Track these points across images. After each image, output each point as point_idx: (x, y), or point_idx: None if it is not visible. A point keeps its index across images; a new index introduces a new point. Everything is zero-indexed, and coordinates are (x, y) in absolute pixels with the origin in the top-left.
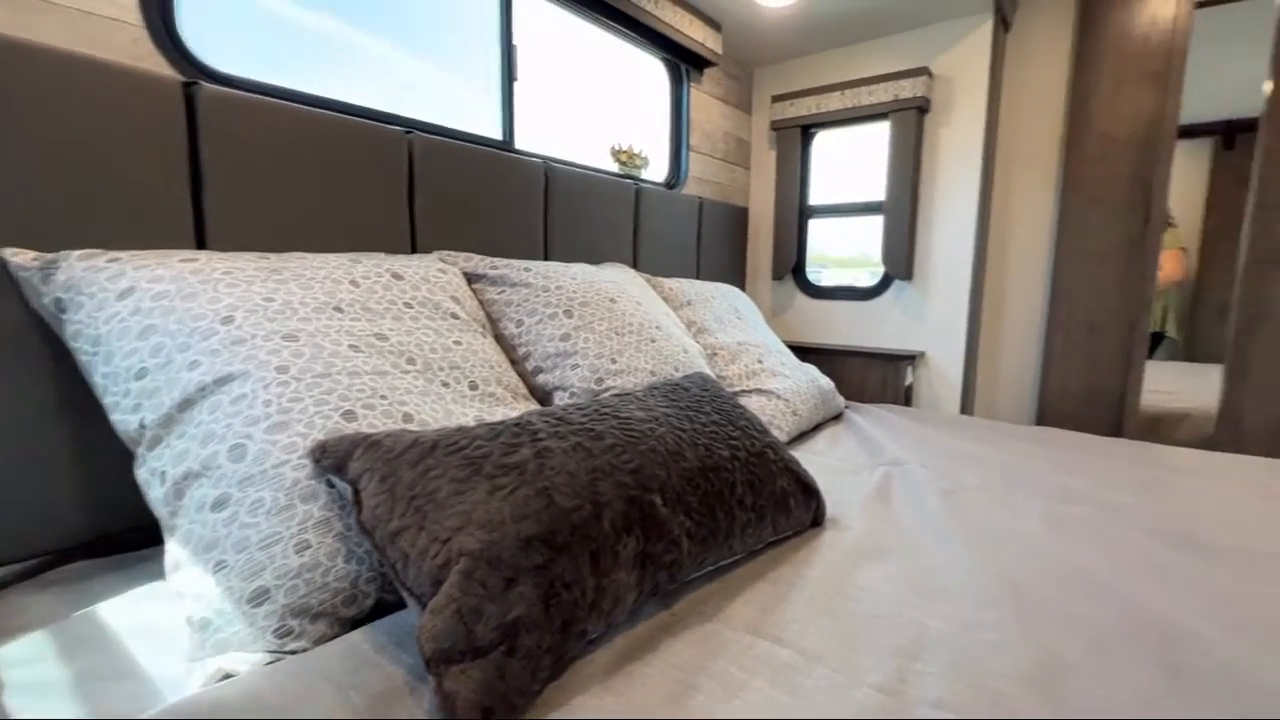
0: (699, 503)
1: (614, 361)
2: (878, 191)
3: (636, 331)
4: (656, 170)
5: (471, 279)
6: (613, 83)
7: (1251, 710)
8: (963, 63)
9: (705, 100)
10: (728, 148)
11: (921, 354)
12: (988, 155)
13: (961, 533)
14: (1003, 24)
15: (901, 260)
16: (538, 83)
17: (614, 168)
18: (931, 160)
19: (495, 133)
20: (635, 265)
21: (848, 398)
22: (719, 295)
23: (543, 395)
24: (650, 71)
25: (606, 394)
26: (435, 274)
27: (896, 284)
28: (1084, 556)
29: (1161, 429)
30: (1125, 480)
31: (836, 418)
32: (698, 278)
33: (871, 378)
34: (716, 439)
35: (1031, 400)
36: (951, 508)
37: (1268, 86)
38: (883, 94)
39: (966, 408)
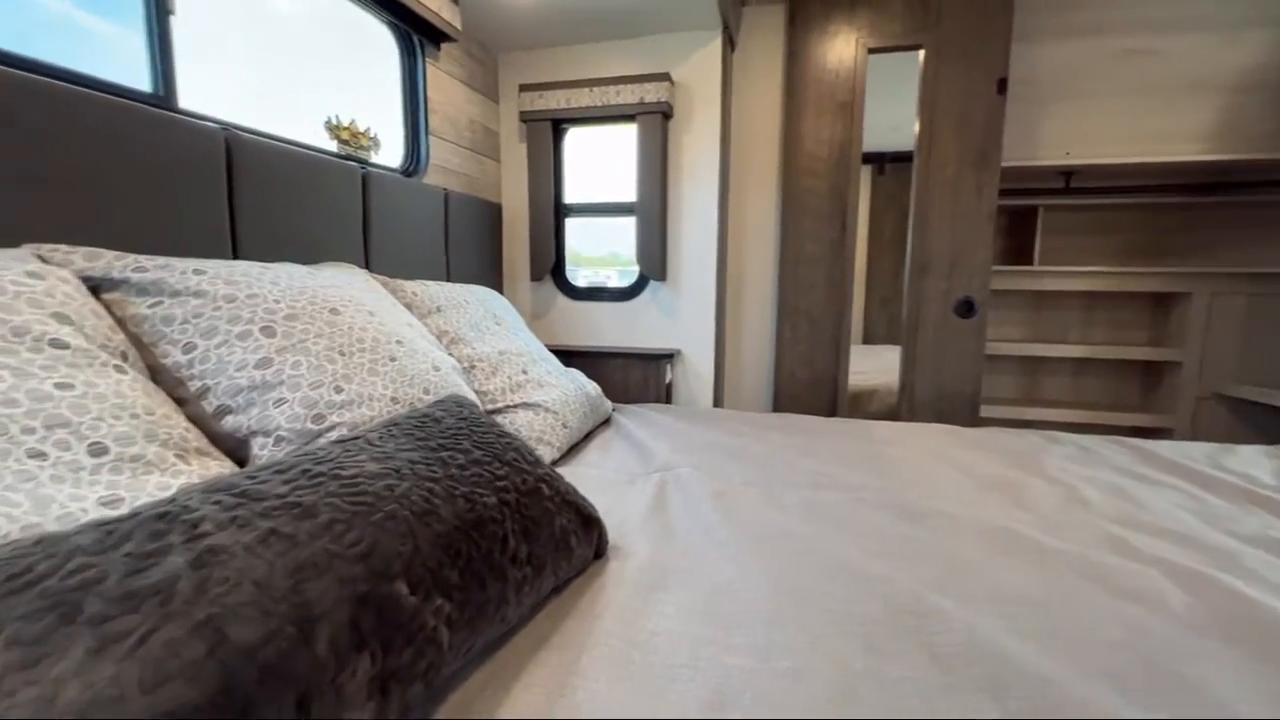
0: (461, 575)
1: (339, 391)
2: (631, 192)
3: (371, 349)
4: (390, 155)
5: (101, 287)
6: (330, 48)
7: (999, 680)
8: (699, 73)
9: (446, 81)
10: (474, 136)
11: (678, 351)
12: (724, 162)
13: (739, 539)
14: (730, 42)
15: (656, 261)
16: (220, 34)
17: (333, 147)
18: (677, 164)
19: (144, 84)
20: (368, 266)
21: (613, 399)
22: (474, 299)
23: (234, 445)
24: (378, 40)
25: (330, 436)
26: (20, 280)
27: (652, 284)
28: (842, 545)
29: (860, 404)
30: (854, 458)
31: (606, 422)
32: (448, 279)
33: (634, 378)
34: (480, 483)
35: (768, 388)
36: (726, 511)
37: (917, 126)
38: (629, 95)
39: (718, 400)
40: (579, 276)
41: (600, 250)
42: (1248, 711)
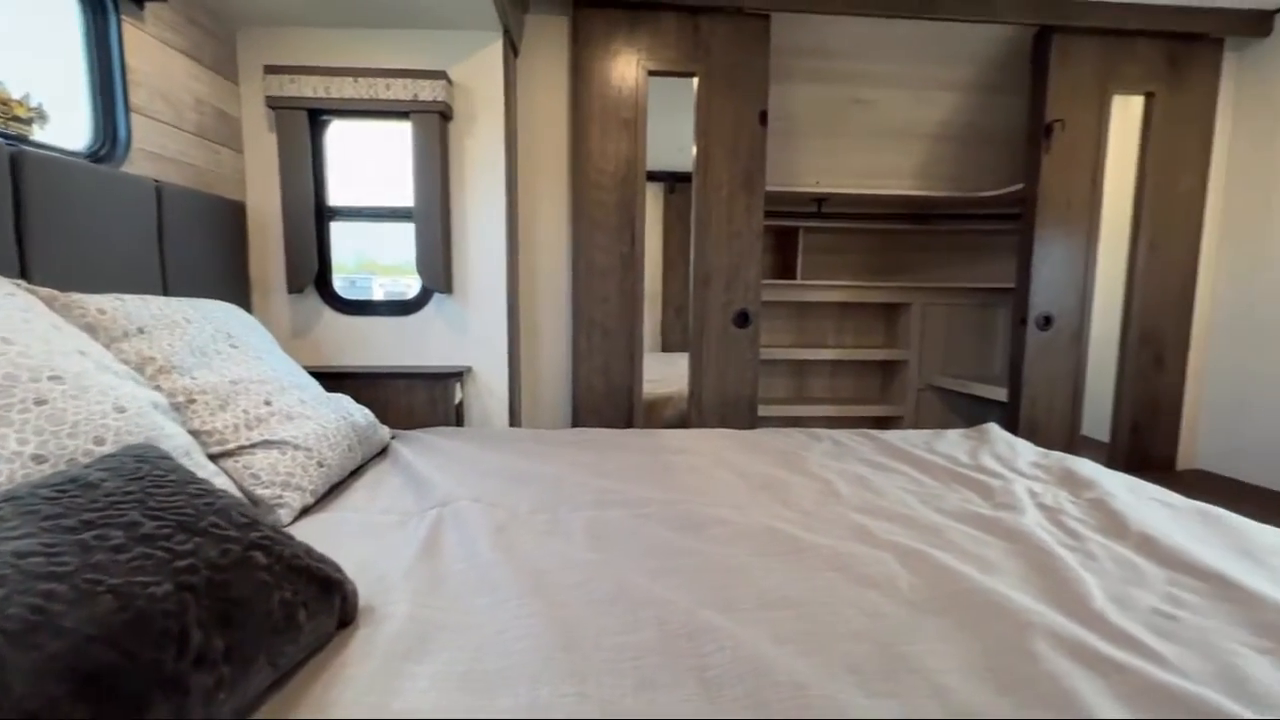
0: (96, 707)
1: None
2: (410, 197)
3: (2, 391)
4: (66, 133)
5: None
6: None
7: (759, 695)
8: (480, 76)
9: (158, 49)
10: (204, 120)
11: (469, 369)
12: (511, 171)
13: (517, 579)
14: (512, 47)
15: (439, 272)
16: None
17: None
18: (460, 169)
19: None
20: (24, 275)
21: (395, 425)
22: (200, 317)
23: None
24: None
25: None
26: None
27: (438, 297)
28: (624, 569)
29: (656, 411)
30: (644, 471)
31: (382, 453)
32: (165, 293)
33: (419, 400)
34: (148, 568)
35: (567, 401)
36: (505, 547)
37: (694, 149)
38: (402, 90)
39: (515, 418)
40: (374, 287)
41: (396, 257)
42: (957, 683)
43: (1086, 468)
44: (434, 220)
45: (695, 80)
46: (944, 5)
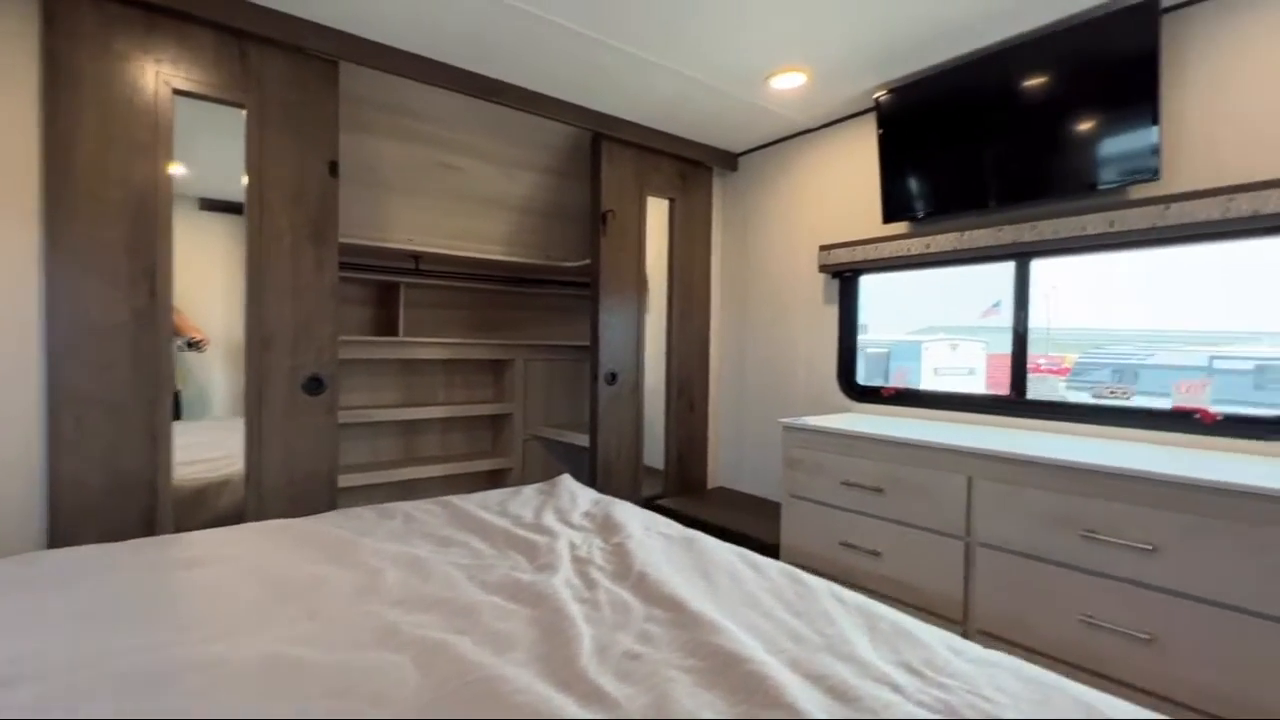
0: None
1: None
2: None
3: None
4: None
5: None
6: None
7: None
8: None
9: None
10: None
11: None
12: None
13: None
14: None
15: None
16: None
17: None
18: None
19: None
20: None
21: None
22: None
23: None
24: None
25: None
26: None
27: None
28: None
29: (206, 502)
30: (122, 605)
31: None
32: None
33: None
34: None
35: (38, 512)
36: None
37: (245, 180)
38: None
39: None
40: None
41: None
42: None
43: (621, 512)
44: None
45: (244, 113)
46: (508, 94)
